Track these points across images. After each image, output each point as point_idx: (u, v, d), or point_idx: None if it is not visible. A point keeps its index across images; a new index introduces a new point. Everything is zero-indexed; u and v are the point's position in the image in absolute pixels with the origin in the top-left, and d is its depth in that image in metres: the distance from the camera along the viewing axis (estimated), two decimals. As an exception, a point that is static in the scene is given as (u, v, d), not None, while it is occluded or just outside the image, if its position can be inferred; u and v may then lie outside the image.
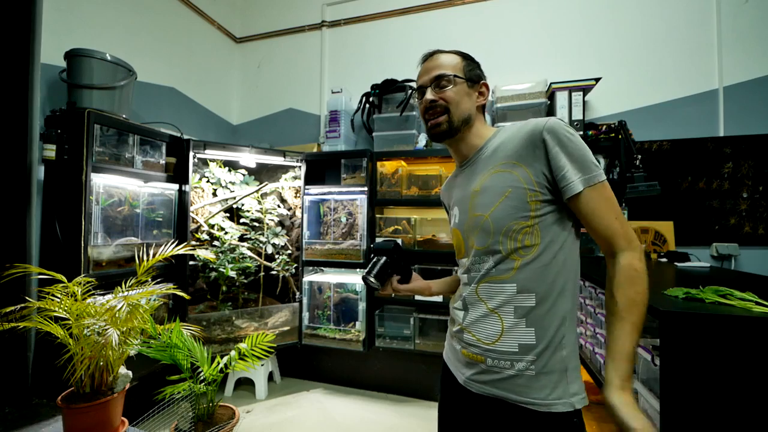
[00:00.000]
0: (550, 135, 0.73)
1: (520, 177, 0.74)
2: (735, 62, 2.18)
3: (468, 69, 0.85)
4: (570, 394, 0.71)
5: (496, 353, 0.75)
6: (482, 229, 0.78)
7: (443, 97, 0.82)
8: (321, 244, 2.51)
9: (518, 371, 0.73)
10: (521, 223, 0.74)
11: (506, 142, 0.79)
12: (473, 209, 0.80)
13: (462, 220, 0.84)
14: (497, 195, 0.76)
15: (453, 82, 0.83)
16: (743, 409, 0.75)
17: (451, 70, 0.83)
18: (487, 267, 0.78)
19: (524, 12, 2.57)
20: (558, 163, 0.72)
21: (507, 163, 0.77)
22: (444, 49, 0.89)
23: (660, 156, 2.25)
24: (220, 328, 2.35)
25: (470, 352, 0.79)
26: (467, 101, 0.84)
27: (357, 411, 2.22)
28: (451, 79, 0.83)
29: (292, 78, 3.14)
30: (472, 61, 0.87)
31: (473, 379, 0.79)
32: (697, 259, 1.90)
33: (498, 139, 0.82)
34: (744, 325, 0.75)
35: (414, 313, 2.33)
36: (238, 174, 2.51)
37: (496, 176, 0.78)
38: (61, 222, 1.68)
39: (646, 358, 0.97)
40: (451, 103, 0.82)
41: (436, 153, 2.33)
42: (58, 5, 1.85)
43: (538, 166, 0.74)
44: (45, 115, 1.72)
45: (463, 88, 0.84)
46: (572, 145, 0.72)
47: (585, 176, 0.71)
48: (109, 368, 1.21)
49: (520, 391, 0.72)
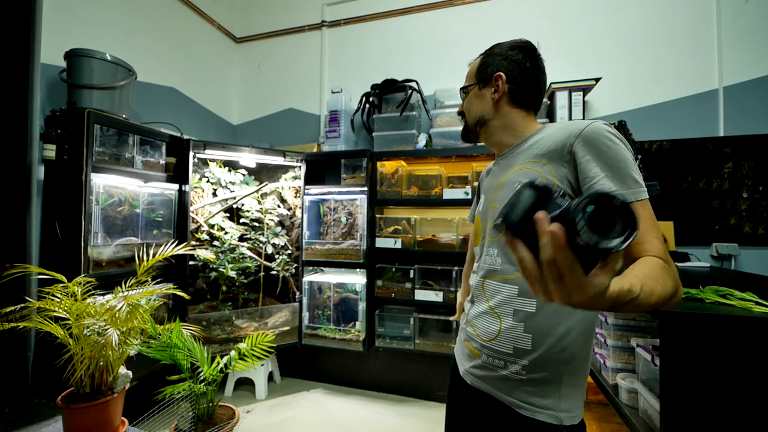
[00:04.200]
0: (583, 141, 0.67)
1: (542, 175, 0.72)
2: (735, 62, 2.17)
3: (480, 69, 0.87)
4: (560, 408, 0.70)
5: (491, 351, 0.76)
6: None
7: (464, 106, 0.92)
8: (321, 244, 2.51)
9: (510, 373, 0.73)
10: None
11: (543, 140, 0.77)
12: (493, 201, 0.82)
13: (485, 209, 0.86)
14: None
15: (466, 92, 0.91)
16: (743, 409, 0.75)
17: (467, 80, 0.91)
18: (492, 261, 0.79)
19: (524, 12, 2.57)
20: (588, 172, 0.65)
21: (535, 161, 0.75)
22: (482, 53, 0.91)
23: (660, 156, 2.25)
24: (220, 328, 2.35)
25: (471, 346, 0.82)
26: (478, 104, 0.87)
27: (357, 411, 2.22)
28: (465, 91, 0.91)
29: (292, 78, 3.14)
30: (488, 56, 0.87)
31: (469, 371, 0.82)
32: (697, 259, 1.90)
33: (537, 136, 0.80)
34: (744, 325, 0.75)
35: (414, 313, 2.33)
36: (238, 174, 2.51)
37: (521, 172, 0.77)
38: (61, 222, 1.68)
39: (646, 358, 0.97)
40: (465, 111, 0.91)
41: (436, 153, 2.33)
42: (58, 5, 1.85)
43: (563, 171, 0.70)
44: (45, 115, 1.72)
45: (474, 92, 0.88)
46: (612, 153, 0.64)
47: (623, 191, 0.62)
48: (109, 368, 1.21)
49: (508, 391, 0.74)
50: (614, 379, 1.15)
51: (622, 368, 1.16)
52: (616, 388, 1.11)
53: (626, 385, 1.07)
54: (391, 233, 2.42)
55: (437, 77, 2.70)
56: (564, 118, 2.14)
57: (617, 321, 1.18)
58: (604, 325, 1.23)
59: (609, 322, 1.19)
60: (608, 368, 1.17)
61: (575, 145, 0.68)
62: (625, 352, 1.17)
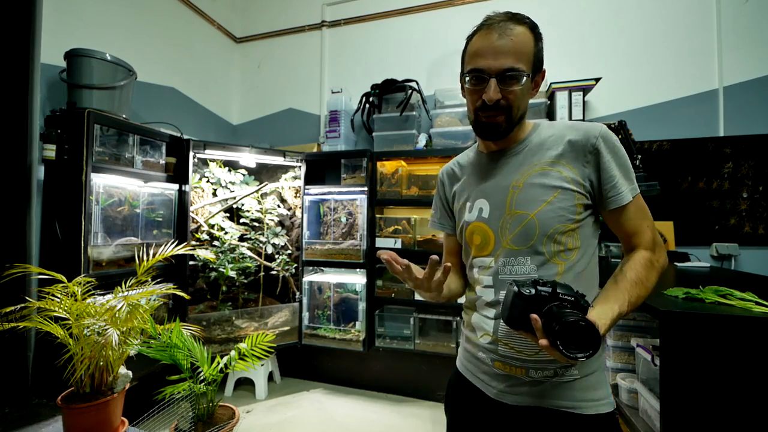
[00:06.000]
0: (605, 143, 0.71)
1: (569, 178, 0.71)
2: (735, 62, 2.17)
3: (537, 53, 0.72)
4: (609, 394, 0.73)
5: (540, 363, 0.70)
6: (524, 229, 0.72)
7: (509, 97, 0.70)
8: (321, 244, 2.51)
9: (563, 378, 0.71)
10: (567, 225, 0.71)
11: (554, 140, 0.75)
12: (513, 206, 0.74)
13: (496, 216, 0.76)
14: (544, 194, 0.72)
15: (521, 80, 0.69)
16: (743, 409, 0.74)
17: (525, 61, 0.70)
18: (524, 270, 0.72)
19: (524, 12, 2.56)
20: (610, 172, 0.71)
21: (555, 162, 0.73)
22: (515, 14, 0.72)
23: (660, 156, 2.25)
24: (220, 328, 2.35)
25: (508, 365, 0.73)
26: (527, 98, 0.75)
27: (357, 411, 2.22)
28: (521, 76, 0.69)
29: (292, 78, 3.14)
30: (539, 39, 0.73)
31: (509, 391, 0.74)
32: (697, 259, 1.90)
33: (541, 134, 0.77)
34: (744, 325, 0.75)
35: (414, 313, 2.33)
36: (238, 174, 2.51)
37: (542, 174, 0.73)
38: (61, 222, 1.68)
39: (646, 358, 0.97)
40: (514, 105, 0.71)
41: (436, 153, 2.33)
42: (58, 5, 1.85)
43: (586, 171, 0.72)
44: (45, 115, 1.72)
45: (528, 83, 0.72)
46: (621, 153, 0.72)
47: (631, 186, 0.71)
48: (109, 368, 1.20)
49: (565, 396, 0.70)
50: (614, 379, 1.15)
51: (622, 368, 1.16)
52: (616, 388, 1.11)
53: (626, 385, 1.07)
54: (391, 233, 2.43)
55: (437, 77, 2.70)
56: (564, 118, 2.14)
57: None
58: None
59: (609, 322, 1.19)
60: (608, 368, 1.17)
61: (599, 146, 0.71)
62: (625, 352, 1.17)
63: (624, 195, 0.70)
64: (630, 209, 0.72)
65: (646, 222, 0.73)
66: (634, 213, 0.72)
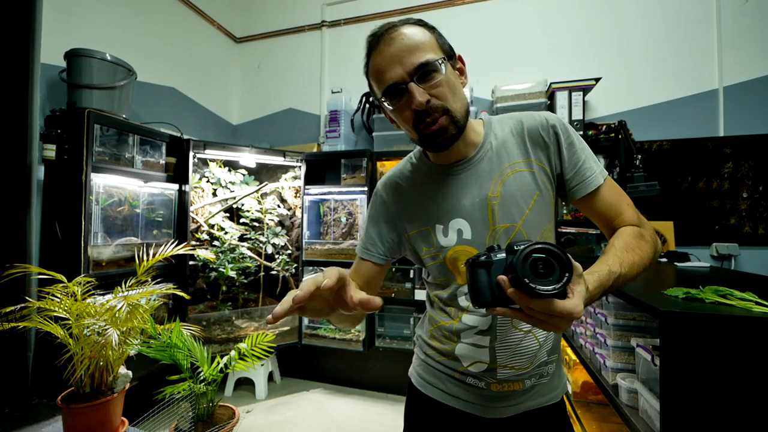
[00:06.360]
0: (561, 128, 0.68)
1: (542, 177, 0.68)
2: (735, 62, 2.17)
3: (437, 39, 0.64)
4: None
5: (534, 371, 0.70)
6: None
7: (437, 93, 0.61)
8: (321, 244, 2.51)
9: (549, 373, 0.73)
10: (548, 227, 0.69)
11: (512, 138, 0.70)
12: (497, 220, 0.67)
13: (480, 235, 0.67)
14: (525, 200, 0.67)
15: (440, 68, 0.61)
16: (743, 409, 0.75)
17: (431, 50, 0.61)
18: None
19: (524, 11, 2.57)
20: (574, 156, 0.68)
21: (524, 162, 0.69)
22: (391, 22, 0.65)
23: (660, 156, 2.25)
24: (220, 328, 2.35)
25: (505, 383, 0.69)
26: (460, 89, 0.65)
27: (357, 411, 2.22)
28: (438, 65, 0.60)
29: (291, 78, 3.14)
30: (432, 27, 0.67)
31: (505, 405, 0.70)
32: (697, 259, 1.90)
33: (497, 132, 0.72)
34: (744, 325, 0.75)
35: (414, 313, 2.33)
36: (238, 174, 2.51)
37: (515, 178, 0.68)
38: (61, 222, 1.68)
39: (646, 358, 0.97)
40: (448, 99, 0.62)
41: (436, 153, 2.33)
42: (58, 5, 1.85)
43: (552, 163, 0.69)
44: (45, 115, 1.72)
45: (450, 70, 0.63)
46: (578, 136, 0.69)
47: (600, 168, 0.68)
48: (109, 368, 1.20)
49: (550, 390, 0.73)
50: (614, 379, 1.15)
51: (622, 368, 1.15)
52: (616, 388, 1.11)
53: (626, 385, 1.07)
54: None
55: (437, 77, 2.70)
56: (564, 118, 2.14)
57: (617, 321, 1.18)
58: (604, 325, 1.22)
59: (609, 322, 1.19)
60: (608, 368, 1.17)
61: (558, 131, 0.68)
62: (625, 352, 1.16)
63: (596, 176, 0.67)
64: (604, 191, 0.67)
65: (624, 200, 0.68)
66: (610, 193, 0.68)
